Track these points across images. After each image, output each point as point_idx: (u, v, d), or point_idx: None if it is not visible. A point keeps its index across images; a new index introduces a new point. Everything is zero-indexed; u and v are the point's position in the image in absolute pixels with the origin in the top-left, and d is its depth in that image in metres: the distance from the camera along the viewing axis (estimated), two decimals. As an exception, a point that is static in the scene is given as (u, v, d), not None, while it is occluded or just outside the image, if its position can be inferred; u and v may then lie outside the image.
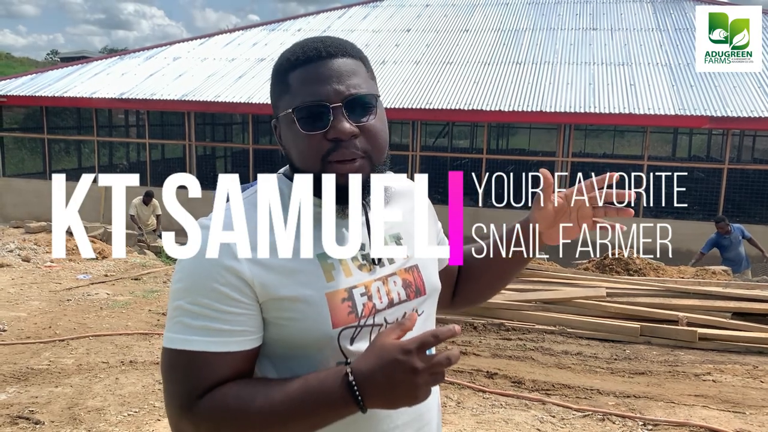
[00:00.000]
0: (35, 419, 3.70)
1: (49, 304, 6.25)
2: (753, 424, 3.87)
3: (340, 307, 1.02)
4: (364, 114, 1.03)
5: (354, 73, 1.03)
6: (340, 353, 1.02)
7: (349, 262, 1.06)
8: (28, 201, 13.76)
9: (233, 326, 0.98)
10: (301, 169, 1.04)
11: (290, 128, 1.03)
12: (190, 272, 1.00)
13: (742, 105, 10.82)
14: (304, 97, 1.01)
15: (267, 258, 0.99)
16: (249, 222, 1.01)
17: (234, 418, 0.96)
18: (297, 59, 1.03)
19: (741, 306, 5.64)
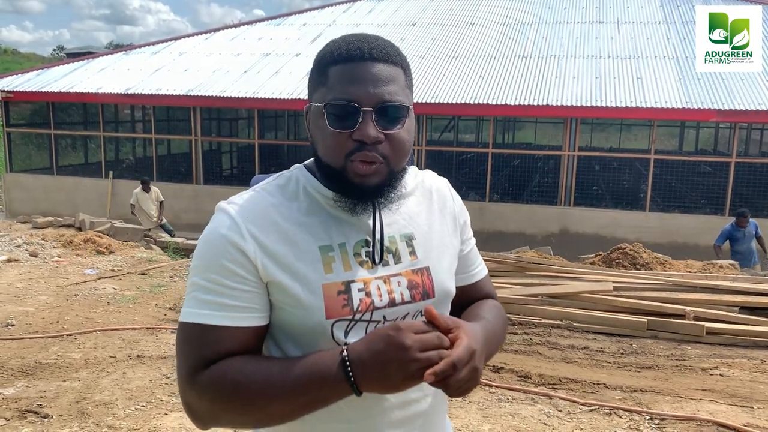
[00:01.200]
0: (44, 413, 3.72)
1: (57, 299, 6.28)
2: (761, 419, 3.85)
3: (335, 300, 1.04)
4: (392, 123, 1.04)
5: (391, 81, 1.04)
6: (335, 344, 1.04)
7: (350, 258, 1.08)
8: (36, 197, 13.81)
9: (240, 302, 1.03)
10: (324, 161, 1.07)
11: (320, 121, 1.06)
12: (204, 250, 1.05)
13: (749, 98, 10.74)
14: (338, 95, 1.03)
15: (272, 243, 1.04)
16: (262, 208, 1.07)
17: (233, 389, 0.98)
18: (340, 54, 1.05)
19: (748, 300, 5.62)
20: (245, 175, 14.77)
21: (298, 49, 14.74)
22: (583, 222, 11.34)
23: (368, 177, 1.04)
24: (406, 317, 1.10)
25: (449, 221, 1.21)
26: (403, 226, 1.14)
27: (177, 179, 13.77)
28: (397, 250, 1.12)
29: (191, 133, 13.54)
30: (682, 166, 13.03)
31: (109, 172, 13.77)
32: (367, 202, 1.07)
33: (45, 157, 14.89)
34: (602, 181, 13.62)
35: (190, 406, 1.05)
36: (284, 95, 12.61)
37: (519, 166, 13.07)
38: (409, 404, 1.11)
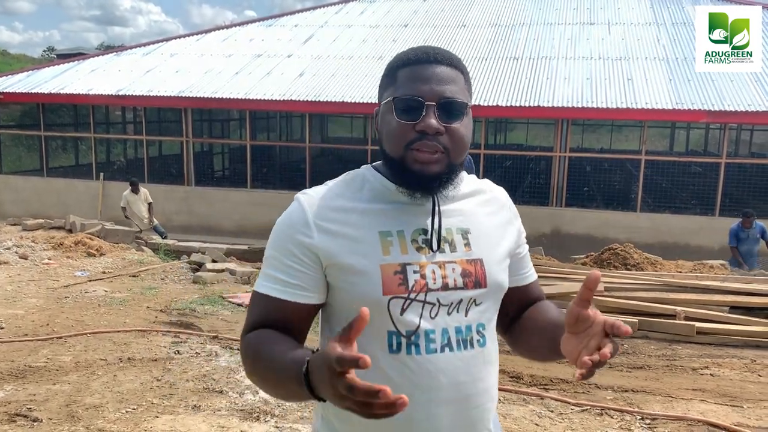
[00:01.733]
0: (33, 416, 3.69)
1: (47, 302, 6.24)
2: (751, 418, 3.88)
3: (391, 278, 1.15)
4: (452, 118, 1.16)
5: (453, 81, 1.18)
6: (390, 321, 1.14)
7: (408, 243, 1.18)
8: (26, 198, 13.73)
9: (292, 279, 1.17)
10: (388, 153, 1.20)
11: (388, 114, 1.19)
12: (275, 232, 1.22)
13: (739, 99, 10.81)
14: (405, 91, 1.17)
15: (336, 228, 1.17)
16: (330, 197, 1.21)
17: (250, 354, 1.15)
18: (408, 59, 1.20)
19: (738, 300, 5.66)
20: (237, 176, 14.75)
21: (290, 50, 14.72)
22: (574, 223, 11.38)
23: (429, 165, 1.15)
24: (460, 305, 1.18)
25: (504, 225, 1.31)
26: (460, 221, 1.24)
27: (168, 181, 13.72)
28: (453, 241, 1.21)
29: (183, 134, 13.50)
30: (673, 167, 13.11)
31: (100, 174, 13.70)
32: (426, 189, 1.17)
33: (35, 158, 14.81)
34: (593, 181, 13.67)
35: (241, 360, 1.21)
36: (276, 96, 12.59)
37: (511, 167, 13.10)
38: (458, 385, 1.18)
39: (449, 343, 1.16)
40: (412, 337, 1.14)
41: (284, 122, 21.20)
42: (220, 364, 4.63)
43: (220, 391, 4.13)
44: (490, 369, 1.24)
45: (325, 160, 15.36)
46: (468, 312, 1.19)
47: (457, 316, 1.18)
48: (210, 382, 4.26)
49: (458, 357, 1.17)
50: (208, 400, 3.97)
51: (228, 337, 5.23)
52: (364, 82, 12.74)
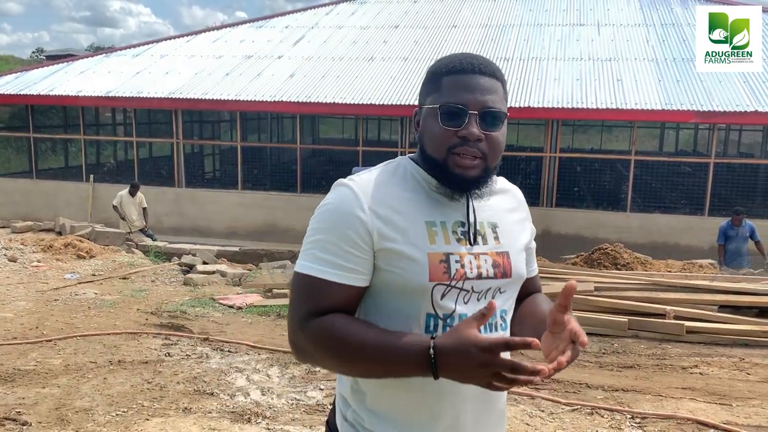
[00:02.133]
0: (22, 420, 3.67)
1: (36, 305, 6.21)
2: (739, 416, 3.90)
3: (437, 266, 1.24)
4: (492, 126, 1.26)
5: (494, 92, 1.26)
6: (431, 304, 1.24)
7: (449, 234, 1.28)
8: (15, 200, 13.63)
9: (350, 264, 1.23)
10: (429, 154, 1.28)
11: (431, 119, 1.27)
12: (329, 217, 1.25)
13: (727, 99, 10.89)
14: (450, 98, 1.25)
15: (388, 214, 1.24)
16: (379, 184, 1.28)
17: (333, 341, 1.19)
18: (454, 67, 1.27)
19: (727, 299, 5.70)
20: (228, 177, 14.71)
21: (281, 52, 14.70)
22: (565, 223, 11.42)
23: (469, 170, 1.24)
24: (488, 292, 1.29)
25: (522, 221, 1.43)
26: (489, 215, 1.34)
27: (159, 182, 13.67)
28: (485, 234, 1.32)
29: (173, 135, 13.45)
30: (663, 167, 13.18)
31: (90, 176, 13.63)
32: (463, 190, 1.27)
33: (24, 160, 14.71)
34: (584, 182, 13.72)
35: (296, 345, 1.25)
36: (267, 98, 12.56)
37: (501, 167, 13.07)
38: None
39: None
40: (447, 320, 1.24)
41: (275, 123, 21.16)
42: (211, 366, 4.62)
43: (211, 393, 4.12)
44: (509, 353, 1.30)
45: (317, 162, 15.34)
46: (494, 299, 1.29)
47: (485, 302, 1.26)
48: (201, 384, 4.25)
49: None
50: (199, 403, 3.96)
51: (219, 339, 5.22)
52: (355, 83, 12.74)
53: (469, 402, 1.29)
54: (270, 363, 4.69)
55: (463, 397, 1.27)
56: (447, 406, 1.27)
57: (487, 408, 1.33)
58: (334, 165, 13.93)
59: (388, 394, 1.28)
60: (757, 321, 5.48)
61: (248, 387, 4.24)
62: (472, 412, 1.30)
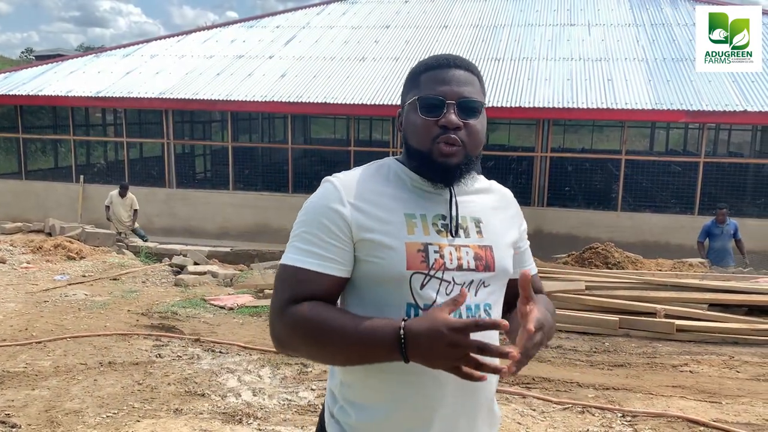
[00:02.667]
0: (11, 423, 3.64)
1: (26, 306, 6.16)
2: (729, 414, 3.93)
3: (415, 255, 1.27)
4: (470, 115, 1.31)
5: (470, 83, 1.33)
6: (410, 294, 1.27)
7: (429, 225, 1.31)
8: (4, 202, 13.54)
9: (328, 254, 1.27)
10: (413, 147, 1.33)
11: (413, 113, 1.33)
12: (309, 210, 1.32)
13: (716, 99, 10.96)
14: (428, 91, 1.31)
15: (367, 206, 1.29)
16: (361, 179, 1.33)
17: (308, 327, 1.22)
18: (430, 64, 1.35)
19: (717, 297, 5.73)
20: (219, 178, 14.66)
21: (272, 52, 14.67)
22: (556, 222, 11.46)
23: (450, 157, 1.29)
24: (471, 285, 1.31)
25: (509, 220, 1.45)
26: (473, 211, 1.38)
27: (149, 183, 13.61)
28: (468, 228, 1.35)
29: (163, 136, 13.40)
30: (653, 167, 13.25)
31: (80, 177, 13.55)
32: (447, 178, 1.31)
33: (13, 161, 14.61)
34: (575, 181, 13.78)
35: (275, 333, 1.29)
36: (258, 98, 12.53)
37: (493, 167, 13.15)
38: None
39: (460, 317, 1.23)
40: (428, 310, 1.23)
41: (266, 123, 21.12)
42: (202, 367, 4.61)
43: (202, 394, 4.10)
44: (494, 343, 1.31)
45: (308, 162, 15.32)
46: (477, 292, 1.32)
47: (468, 294, 1.28)
48: (192, 386, 4.23)
49: None
50: (190, 404, 3.95)
51: (210, 339, 5.20)
52: (347, 83, 12.73)
53: (454, 397, 1.30)
54: (261, 364, 4.67)
55: (447, 392, 1.29)
56: (431, 401, 1.29)
57: (474, 404, 1.35)
58: (325, 165, 13.91)
59: (373, 388, 1.31)
60: (747, 319, 5.52)
61: (239, 388, 4.22)
62: (457, 407, 1.31)
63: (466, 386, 1.25)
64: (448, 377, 1.17)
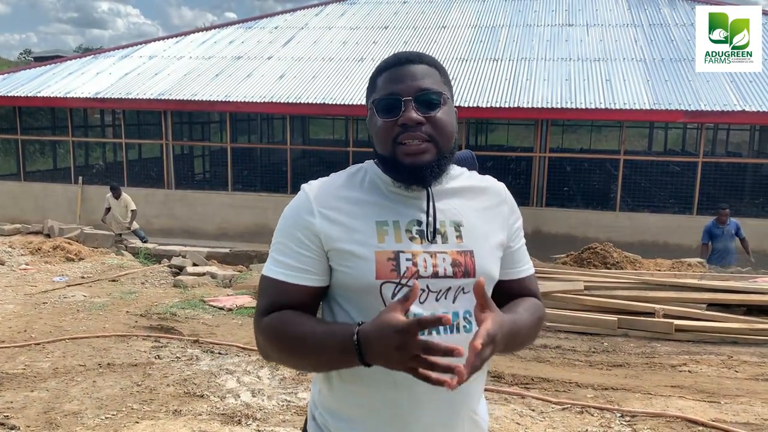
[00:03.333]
0: (10, 424, 3.64)
1: (25, 308, 6.16)
2: (728, 413, 3.93)
3: (384, 264, 1.23)
4: (431, 108, 1.25)
5: (428, 76, 1.27)
6: (383, 303, 1.22)
7: (402, 233, 1.26)
8: (3, 203, 13.53)
9: (301, 264, 1.26)
10: (379, 152, 1.29)
11: (372, 117, 1.29)
12: (283, 222, 1.31)
13: (715, 99, 10.97)
14: (383, 92, 1.27)
15: (337, 216, 1.26)
16: (333, 188, 1.30)
17: (278, 335, 1.23)
18: (386, 65, 1.30)
19: (716, 297, 5.73)
20: (218, 179, 14.66)
21: (270, 53, 14.67)
22: (555, 222, 11.46)
23: (418, 156, 1.23)
24: (448, 292, 1.25)
25: (500, 218, 1.37)
26: (453, 214, 1.31)
27: (148, 184, 13.61)
28: (446, 233, 1.28)
29: (162, 137, 13.40)
30: (651, 167, 13.26)
31: (78, 178, 13.55)
32: (419, 179, 1.25)
33: (12, 162, 14.60)
34: (573, 181, 13.78)
35: (256, 341, 1.30)
36: (256, 99, 12.53)
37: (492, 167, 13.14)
38: None
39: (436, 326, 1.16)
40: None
41: (265, 124, 21.12)
42: (201, 368, 4.61)
43: (201, 395, 4.10)
44: None
45: (307, 162, 15.32)
46: (456, 299, 1.26)
47: (445, 302, 1.25)
48: (191, 387, 4.23)
49: (444, 339, 1.19)
50: (189, 405, 3.95)
51: (209, 340, 5.20)
52: (345, 84, 12.74)
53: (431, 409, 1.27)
54: (260, 365, 4.67)
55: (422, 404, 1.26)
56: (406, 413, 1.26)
57: (453, 416, 1.30)
58: (324, 166, 13.90)
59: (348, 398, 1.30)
60: (745, 319, 5.52)
61: (238, 389, 4.22)
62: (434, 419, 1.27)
63: (443, 397, 1.23)
64: (422, 388, 1.14)
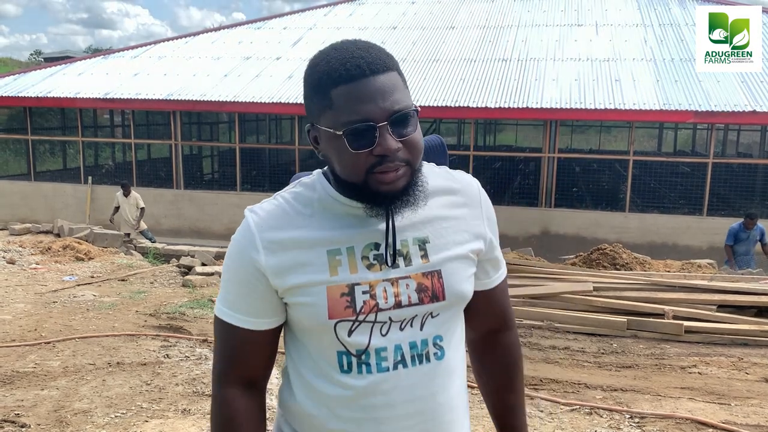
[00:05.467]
0: (21, 422, 3.66)
1: (35, 307, 6.20)
2: (738, 416, 3.91)
3: (337, 301, 1.08)
4: (406, 127, 1.06)
5: (395, 89, 1.05)
6: (338, 342, 1.10)
7: (357, 261, 1.11)
8: (13, 203, 13.63)
9: (251, 308, 1.13)
10: (344, 179, 1.09)
11: (336, 143, 1.06)
12: (229, 257, 1.16)
13: (725, 100, 10.90)
14: (350, 116, 1.03)
15: (282, 250, 1.10)
16: (277, 216, 1.13)
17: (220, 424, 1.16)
18: (340, 76, 1.04)
19: (726, 299, 5.70)
20: (226, 179, 14.71)
21: (279, 53, 14.70)
22: (563, 223, 11.43)
23: (395, 182, 1.06)
24: (414, 319, 1.12)
25: (473, 223, 1.21)
26: (417, 229, 1.14)
27: (157, 184, 13.66)
28: (408, 253, 1.13)
29: (171, 137, 13.45)
30: (661, 167, 13.20)
31: (88, 178, 13.62)
32: (390, 205, 1.08)
33: (22, 162, 14.70)
34: (582, 182, 13.74)
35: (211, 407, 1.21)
36: (265, 99, 12.56)
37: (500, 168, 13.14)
38: (413, 402, 1.14)
39: (403, 359, 1.11)
40: (362, 356, 1.10)
41: (273, 125, 21.16)
42: (210, 367, 4.61)
43: (210, 394, 4.11)
44: (452, 380, 1.19)
45: (315, 163, 15.33)
46: (423, 326, 1.13)
47: (411, 330, 1.12)
48: (200, 386, 4.25)
49: (413, 373, 1.12)
50: (197, 404, 3.96)
51: (218, 340, 5.21)
52: (354, 85, 12.72)
53: None
54: (269, 364, 4.68)
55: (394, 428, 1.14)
56: None
57: None
58: (332, 166, 13.91)
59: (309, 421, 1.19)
60: (756, 321, 5.49)
61: (247, 388, 4.23)
62: None
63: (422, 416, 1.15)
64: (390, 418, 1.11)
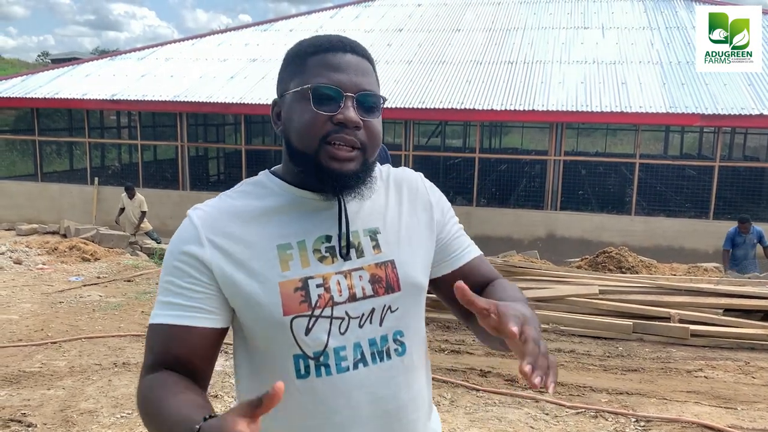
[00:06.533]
0: (27, 422, 3.68)
1: (41, 307, 6.22)
2: (745, 420, 3.89)
3: (291, 296, 1.04)
4: (370, 112, 1.07)
5: (369, 74, 1.09)
6: (295, 343, 1.05)
7: (309, 254, 1.08)
8: (20, 204, 13.69)
9: (189, 302, 1.04)
10: (296, 147, 1.07)
11: (299, 104, 1.06)
12: (168, 256, 1.09)
13: (732, 103, 10.87)
14: (321, 79, 1.05)
15: (230, 246, 1.06)
16: (224, 212, 1.09)
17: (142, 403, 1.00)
18: (321, 45, 1.08)
19: (732, 302, 5.68)
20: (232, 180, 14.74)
21: (285, 55, 14.73)
22: (569, 226, 11.41)
23: (346, 162, 1.04)
24: (373, 315, 1.09)
25: (422, 214, 1.20)
26: (367, 221, 1.13)
27: (163, 185, 13.71)
28: (360, 245, 1.11)
29: (177, 139, 13.49)
30: (667, 170, 13.17)
31: (94, 179, 13.68)
32: (342, 189, 1.06)
33: (29, 163, 14.77)
34: (588, 185, 13.71)
35: None
36: (271, 101, 12.57)
37: (506, 170, 13.13)
38: (377, 401, 1.10)
39: (363, 357, 1.08)
40: (320, 358, 1.06)
41: (279, 126, 21.20)
42: (215, 368, 4.62)
43: (215, 395, 4.12)
44: (415, 376, 1.16)
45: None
46: (382, 321, 1.10)
47: (370, 327, 1.09)
48: (205, 387, 4.25)
49: (374, 371, 1.09)
50: (203, 405, 3.96)
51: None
52: (359, 87, 12.74)
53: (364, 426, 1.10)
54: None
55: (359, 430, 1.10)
56: None
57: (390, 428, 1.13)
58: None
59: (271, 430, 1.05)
60: (762, 324, 5.46)
61: (252, 389, 4.24)
62: None
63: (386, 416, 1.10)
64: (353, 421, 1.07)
